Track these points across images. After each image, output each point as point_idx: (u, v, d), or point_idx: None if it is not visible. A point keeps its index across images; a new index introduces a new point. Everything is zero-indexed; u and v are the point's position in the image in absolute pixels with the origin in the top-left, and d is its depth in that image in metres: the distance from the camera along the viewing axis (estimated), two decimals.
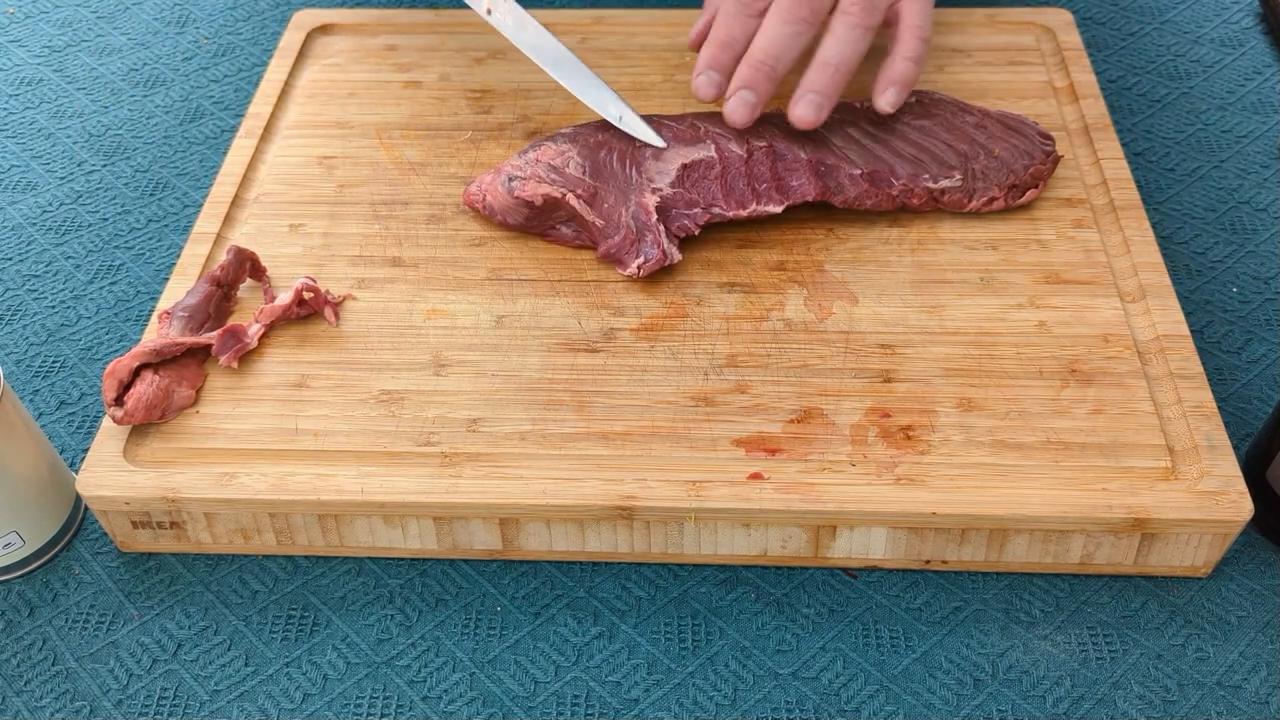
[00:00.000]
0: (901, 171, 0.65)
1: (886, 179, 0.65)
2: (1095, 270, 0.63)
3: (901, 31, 0.68)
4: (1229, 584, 0.56)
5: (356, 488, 0.54)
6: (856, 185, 0.65)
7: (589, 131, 0.67)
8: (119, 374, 0.57)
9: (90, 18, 0.91)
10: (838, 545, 0.55)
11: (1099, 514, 0.53)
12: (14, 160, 0.79)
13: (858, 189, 0.65)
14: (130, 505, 0.55)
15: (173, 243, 0.73)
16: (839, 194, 0.65)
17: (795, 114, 0.65)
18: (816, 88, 0.65)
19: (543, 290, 0.64)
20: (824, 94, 0.65)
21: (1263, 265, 0.69)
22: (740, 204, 0.64)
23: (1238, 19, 0.87)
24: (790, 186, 0.65)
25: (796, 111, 0.65)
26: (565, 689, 0.53)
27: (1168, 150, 0.77)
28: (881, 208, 0.66)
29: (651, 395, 0.58)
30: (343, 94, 0.77)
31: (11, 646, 0.55)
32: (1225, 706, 0.51)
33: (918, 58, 0.68)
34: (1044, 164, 0.66)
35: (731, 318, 0.62)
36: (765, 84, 0.65)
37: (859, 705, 0.52)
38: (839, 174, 0.65)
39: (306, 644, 0.54)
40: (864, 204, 0.65)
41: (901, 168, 0.66)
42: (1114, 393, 0.57)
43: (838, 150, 0.66)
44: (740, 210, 0.64)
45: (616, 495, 0.54)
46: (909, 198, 0.65)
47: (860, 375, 0.59)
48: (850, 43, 0.65)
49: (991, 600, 0.55)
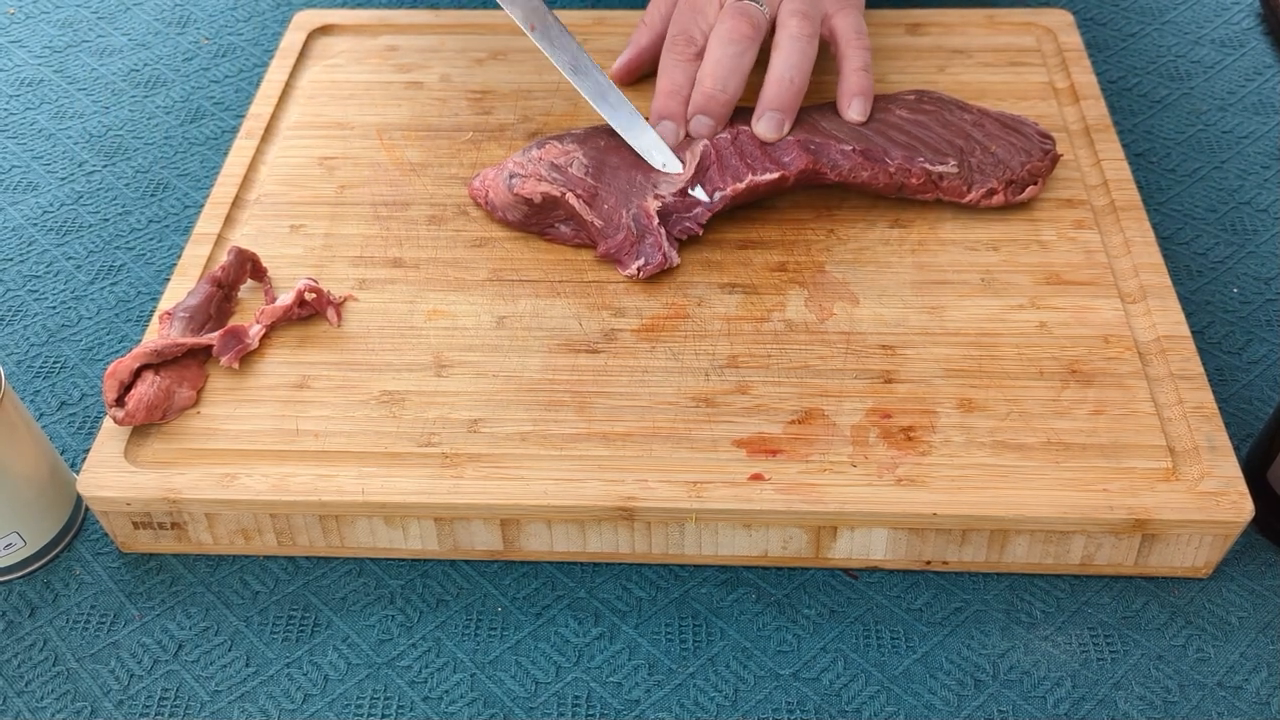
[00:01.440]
0: (896, 153, 0.65)
1: (880, 156, 0.65)
2: (1096, 271, 0.63)
3: (843, 47, 0.69)
4: (1229, 585, 0.56)
5: (357, 488, 0.54)
6: (849, 159, 0.65)
7: (599, 134, 0.67)
8: (120, 375, 0.57)
9: (91, 18, 0.91)
10: (838, 546, 0.55)
11: (1100, 515, 0.53)
12: (15, 161, 0.79)
13: (851, 162, 0.65)
14: (131, 506, 0.55)
15: (173, 243, 0.73)
16: (832, 168, 0.65)
17: (758, 131, 0.66)
18: (775, 104, 0.66)
19: (544, 291, 0.64)
20: (782, 109, 0.66)
21: (1263, 266, 0.69)
22: (735, 177, 0.64)
23: (1238, 19, 0.87)
24: (782, 161, 0.65)
25: (759, 129, 0.66)
26: (566, 690, 0.53)
27: (1168, 151, 0.77)
28: (879, 183, 0.65)
29: (652, 396, 0.58)
30: (343, 95, 0.77)
31: (12, 647, 0.55)
32: (1226, 707, 0.51)
33: (867, 65, 0.69)
34: (1042, 162, 0.66)
35: (732, 318, 0.62)
36: (719, 109, 0.66)
37: (860, 706, 0.52)
38: (830, 150, 0.65)
39: (307, 644, 0.54)
40: (859, 177, 0.65)
41: (896, 151, 0.66)
42: (1115, 393, 0.57)
43: (825, 131, 0.66)
44: (737, 184, 0.64)
45: (617, 496, 0.54)
46: (907, 178, 0.65)
47: (861, 376, 0.59)
48: (798, 54, 0.66)
49: (992, 601, 0.55)
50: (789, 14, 0.67)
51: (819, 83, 0.76)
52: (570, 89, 0.76)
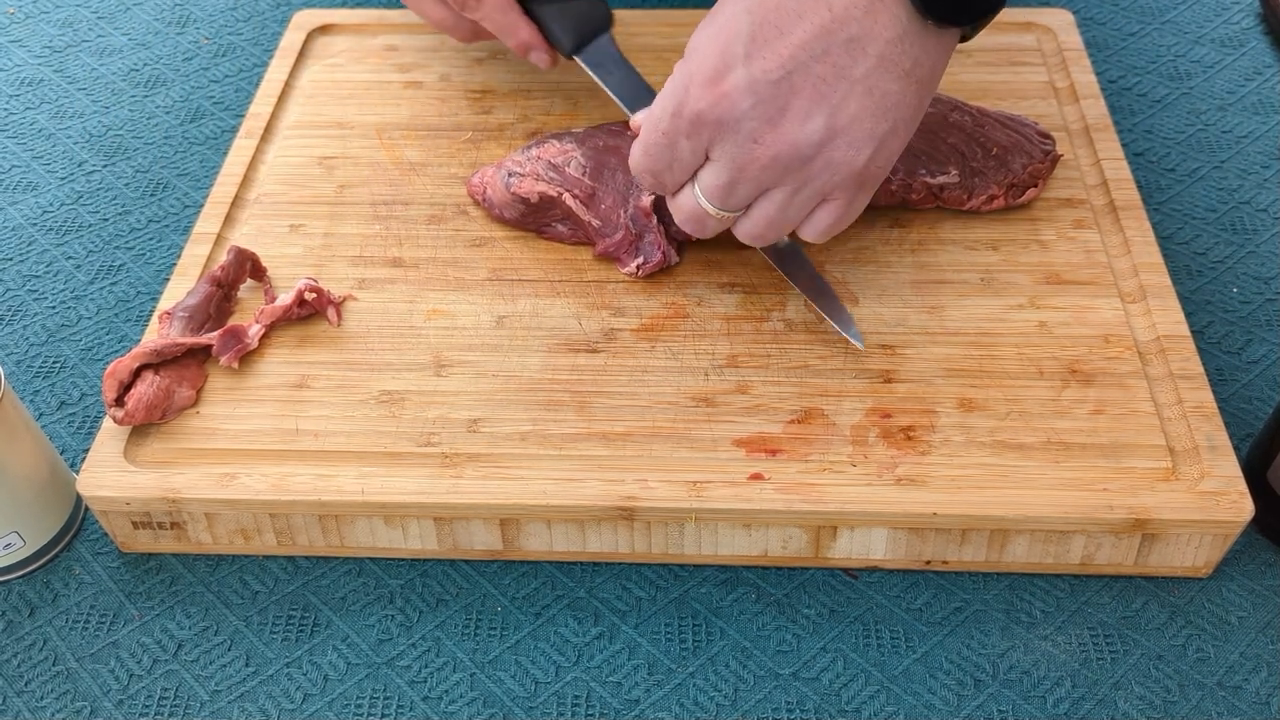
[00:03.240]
0: (898, 166, 0.65)
1: None
2: (1096, 271, 0.63)
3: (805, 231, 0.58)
4: (1229, 584, 0.56)
5: (357, 488, 0.54)
6: None
7: (598, 133, 0.67)
8: (119, 374, 0.57)
9: (91, 18, 0.91)
10: (838, 546, 0.55)
11: (1100, 514, 0.53)
12: (14, 160, 0.79)
13: None
14: (131, 506, 0.55)
15: (173, 243, 0.73)
16: None
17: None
18: (746, 238, 0.58)
19: (543, 291, 0.64)
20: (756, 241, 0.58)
21: (1263, 265, 0.69)
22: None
23: (1238, 19, 0.87)
24: None
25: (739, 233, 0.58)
26: (566, 689, 0.53)
27: (1168, 150, 0.77)
28: (881, 201, 0.65)
29: (652, 396, 0.58)
30: (343, 94, 0.77)
31: (12, 647, 0.55)
32: (1226, 707, 0.51)
33: (818, 238, 0.57)
34: (1042, 163, 0.66)
35: (732, 318, 0.62)
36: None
37: (859, 706, 0.52)
38: None
39: (307, 644, 0.54)
40: None
41: (898, 163, 0.66)
42: (1114, 393, 0.57)
43: None
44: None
45: (617, 496, 0.54)
46: (908, 193, 0.65)
47: (861, 376, 0.59)
48: (766, 228, 0.56)
49: (992, 601, 0.55)
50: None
51: None
52: (570, 88, 0.76)
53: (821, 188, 0.53)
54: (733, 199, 0.54)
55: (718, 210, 0.55)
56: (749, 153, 0.52)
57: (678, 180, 0.56)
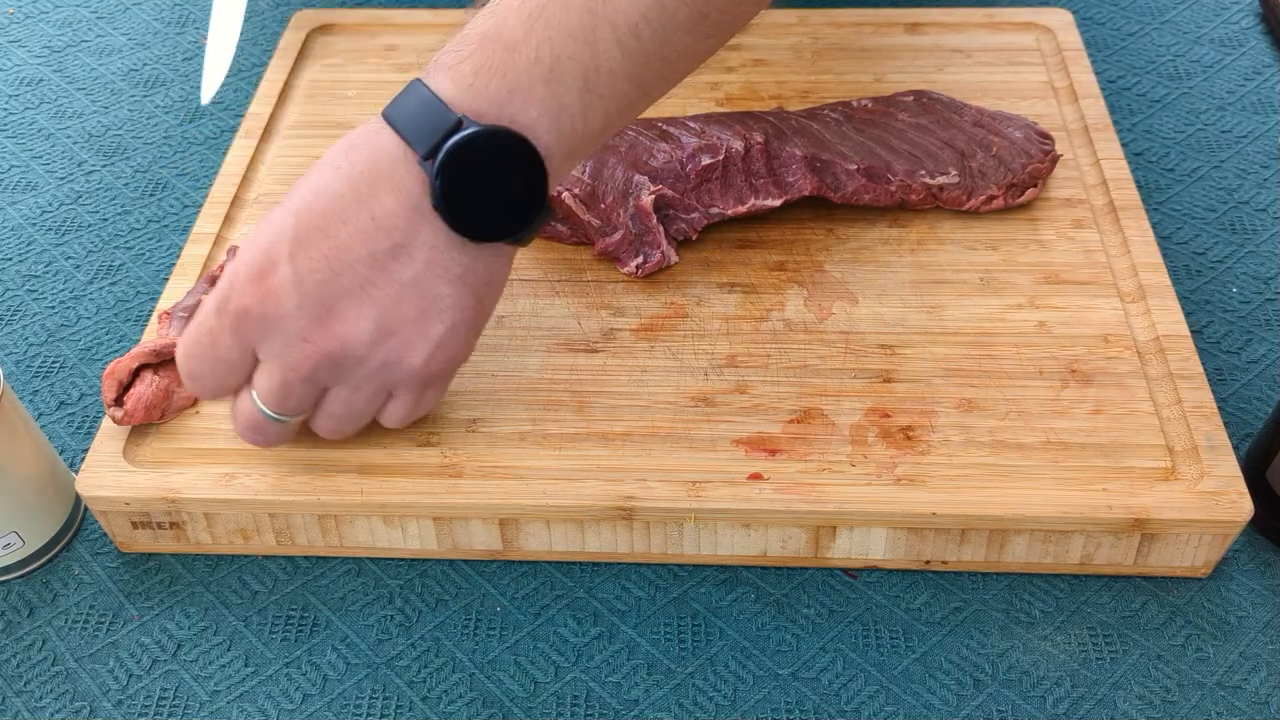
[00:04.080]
0: (898, 168, 0.65)
1: (883, 174, 0.65)
2: (1095, 270, 0.63)
3: None
4: (1229, 584, 0.56)
5: (356, 488, 0.54)
6: (853, 180, 0.65)
7: None
8: (119, 374, 0.57)
9: (90, 18, 0.91)
10: (837, 545, 0.55)
11: (1099, 514, 0.53)
12: (14, 160, 0.79)
13: (855, 183, 0.65)
14: (130, 505, 0.55)
15: (172, 243, 0.73)
16: (836, 189, 0.65)
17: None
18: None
19: (542, 290, 0.64)
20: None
21: (1263, 265, 0.69)
22: (738, 200, 0.64)
23: (1238, 19, 0.87)
24: (786, 182, 0.65)
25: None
26: (565, 689, 0.53)
27: (1167, 150, 0.77)
28: (880, 203, 0.66)
29: (651, 395, 0.58)
30: (343, 94, 0.77)
31: (11, 647, 0.55)
32: (1225, 707, 0.51)
33: (331, 432, 0.55)
34: (1042, 163, 0.66)
35: (731, 318, 0.62)
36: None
37: (859, 706, 0.52)
38: (835, 169, 0.65)
39: (306, 644, 0.54)
40: (862, 199, 0.65)
41: (898, 164, 0.66)
42: (1114, 393, 0.57)
43: (833, 147, 0.66)
44: (739, 206, 0.64)
45: (616, 495, 0.54)
46: (908, 194, 0.65)
47: (860, 375, 0.59)
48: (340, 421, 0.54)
49: (991, 600, 0.55)
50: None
51: (822, 82, 0.77)
52: None
53: (383, 384, 0.52)
54: (291, 401, 0.52)
55: (277, 414, 0.52)
56: (299, 350, 0.50)
57: (224, 383, 0.52)
